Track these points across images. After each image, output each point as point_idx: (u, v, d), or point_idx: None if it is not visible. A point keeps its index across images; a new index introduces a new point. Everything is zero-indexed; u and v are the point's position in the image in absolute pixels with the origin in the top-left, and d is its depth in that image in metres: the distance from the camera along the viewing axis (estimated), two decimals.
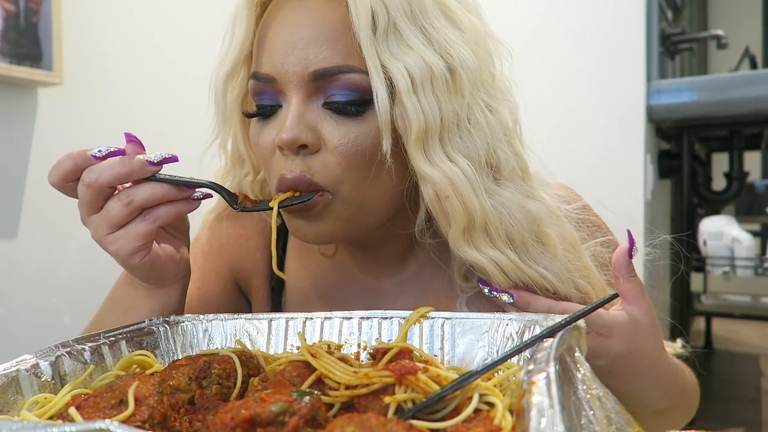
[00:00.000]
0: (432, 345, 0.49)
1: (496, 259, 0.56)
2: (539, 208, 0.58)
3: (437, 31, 0.55)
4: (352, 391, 0.38)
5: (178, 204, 0.54)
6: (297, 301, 0.72)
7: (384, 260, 0.69)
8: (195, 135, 2.12)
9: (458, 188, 0.54)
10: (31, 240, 1.42)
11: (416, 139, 0.53)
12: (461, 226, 0.55)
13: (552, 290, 0.58)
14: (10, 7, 1.32)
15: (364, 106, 0.54)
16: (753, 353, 3.47)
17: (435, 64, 0.53)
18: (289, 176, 0.55)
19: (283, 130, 0.54)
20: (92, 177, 0.52)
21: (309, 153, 0.55)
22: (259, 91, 0.58)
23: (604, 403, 0.34)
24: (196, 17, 1.87)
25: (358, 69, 0.54)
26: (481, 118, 0.57)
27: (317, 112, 0.55)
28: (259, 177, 0.69)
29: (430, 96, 0.53)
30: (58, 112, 1.47)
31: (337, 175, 0.55)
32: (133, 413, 0.35)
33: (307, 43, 0.54)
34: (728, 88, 2.04)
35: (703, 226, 2.54)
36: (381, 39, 0.53)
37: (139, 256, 0.53)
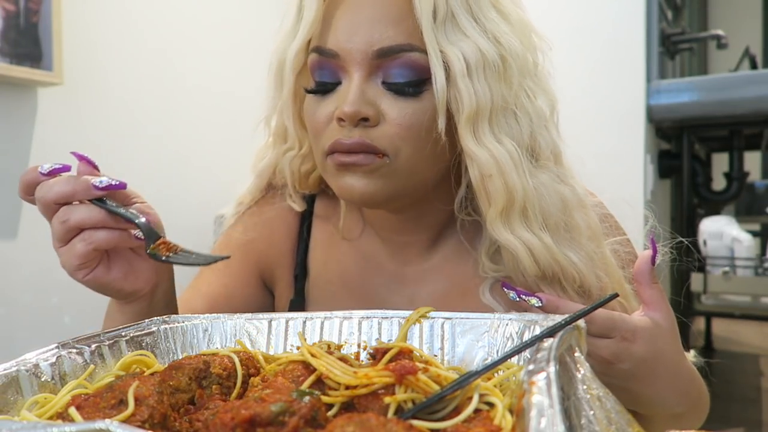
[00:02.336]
0: (432, 345, 0.49)
1: (529, 243, 0.58)
2: (570, 194, 0.61)
3: (489, 21, 0.59)
4: (352, 391, 0.38)
5: (117, 233, 0.54)
6: (322, 289, 0.73)
7: (412, 248, 0.71)
8: (194, 135, 2.13)
9: (503, 168, 0.57)
10: (31, 240, 1.42)
11: (467, 120, 0.57)
12: (501, 205, 0.58)
13: (578, 279, 0.60)
14: (10, 7, 1.32)
15: (421, 87, 0.58)
16: (753, 353, 3.47)
17: (488, 51, 0.57)
18: (346, 141, 0.58)
19: (346, 103, 0.57)
20: (41, 193, 0.54)
21: (368, 126, 0.58)
22: (321, 65, 0.60)
23: (604, 403, 0.34)
24: (196, 17, 1.87)
25: (419, 48, 0.57)
26: (526, 104, 0.60)
27: (376, 90, 0.59)
28: (301, 152, 0.70)
29: (482, 80, 0.57)
30: (58, 112, 1.47)
31: (395, 143, 0.58)
32: (133, 413, 0.35)
33: (372, 22, 0.57)
34: (728, 88, 2.04)
35: (703, 226, 2.54)
36: (440, 26, 0.56)
37: (81, 273, 0.55)
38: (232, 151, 2.02)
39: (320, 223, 0.76)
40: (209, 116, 1.92)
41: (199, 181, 1.87)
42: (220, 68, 1.95)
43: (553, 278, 0.60)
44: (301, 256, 0.75)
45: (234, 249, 0.76)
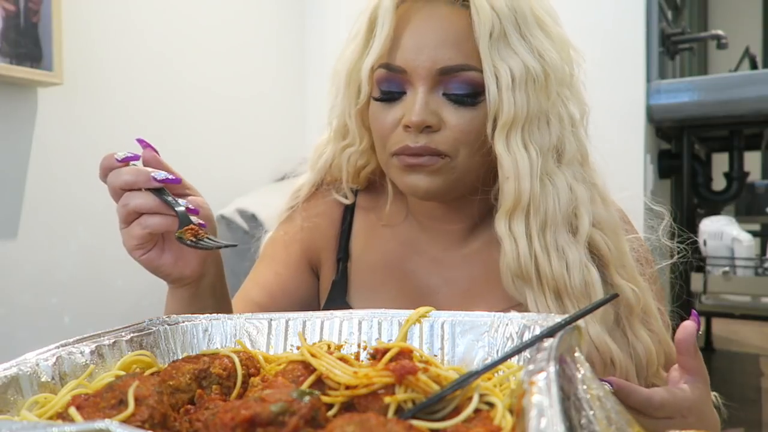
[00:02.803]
0: (432, 345, 0.49)
1: (518, 241, 0.67)
2: (584, 193, 0.70)
3: (534, 39, 0.68)
4: (352, 391, 0.38)
5: (168, 219, 0.61)
6: (363, 270, 0.81)
7: (451, 235, 0.79)
8: (194, 135, 2.12)
9: (519, 173, 0.66)
10: (31, 240, 1.42)
11: (502, 126, 0.66)
12: (508, 205, 0.67)
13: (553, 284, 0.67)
14: (10, 7, 1.32)
15: (476, 98, 0.67)
16: (753, 353, 3.47)
17: (532, 67, 0.66)
18: (413, 146, 0.67)
19: (413, 113, 0.66)
20: (111, 179, 0.61)
21: (431, 131, 0.67)
22: (388, 78, 0.70)
23: (604, 403, 0.34)
24: (196, 18, 1.87)
25: (475, 68, 0.66)
26: (561, 110, 0.70)
27: (438, 100, 0.68)
28: (360, 148, 0.79)
29: (522, 93, 0.66)
30: (58, 112, 1.47)
31: (455, 146, 0.68)
32: (133, 413, 0.35)
33: (436, 44, 0.67)
34: (728, 88, 2.04)
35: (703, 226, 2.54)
36: (494, 44, 0.65)
37: (138, 252, 0.63)
38: (232, 151, 2.02)
39: (362, 213, 0.85)
40: (209, 116, 1.92)
41: (199, 181, 1.85)
42: (220, 69, 1.95)
43: (529, 278, 0.67)
44: (344, 242, 0.83)
45: (287, 241, 0.85)
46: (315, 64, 2.35)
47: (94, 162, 0.62)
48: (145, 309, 1.68)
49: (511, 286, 0.69)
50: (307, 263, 0.85)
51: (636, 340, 0.70)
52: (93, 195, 1.56)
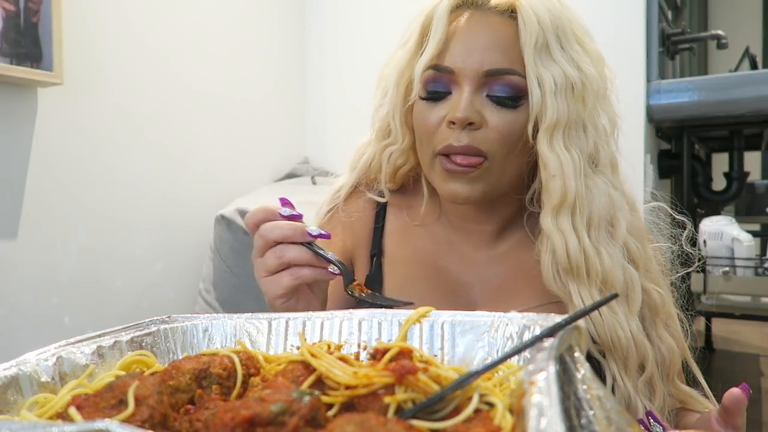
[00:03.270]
0: (432, 345, 0.49)
1: (566, 236, 0.71)
2: (619, 197, 0.75)
3: (574, 52, 0.73)
4: (352, 391, 0.38)
5: (318, 271, 0.67)
6: (398, 267, 0.84)
7: (482, 235, 0.83)
8: (194, 135, 2.12)
9: (565, 171, 0.71)
10: (31, 240, 1.42)
11: (546, 129, 0.71)
12: (556, 201, 0.72)
13: (602, 275, 0.71)
14: (10, 7, 1.32)
15: (517, 101, 0.72)
16: (753, 353, 3.47)
17: (572, 76, 0.71)
18: (457, 144, 0.71)
19: (458, 110, 0.71)
20: (266, 230, 0.66)
21: (473, 129, 0.71)
22: (436, 79, 0.74)
23: (604, 403, 0.34)
24: (197, 18, 1.87)
25: (518, 73, 0.71)
26: (596, 120, 0.75)
27: (482, 101, 0.72)
28: (401, 146, 0.83)
29: (563, 99, 0.71)
30: (58, 112, 1.47)
31: (493, 146, 0.72)
32: (133, 413, 0.35)
33: (484, 48, 0.72)
34: (728, 88, 2.04)
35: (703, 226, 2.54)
36: (538, 53, 0.71)
37: (281, 300, 0.67)
38: (233, 151, 2.02)
39: (394, 211, 0.89)
40: (209, 117, 1.92)
41: (199, 181, 1.86)
42: (220, 69, 1.95)
43: (579, 272, 0.71)
44: (377, 239, 0.87)
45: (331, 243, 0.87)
46: (315, 64, 2.35)
47: (95, 162, 0.62)
48: (145, 309, 1.68)
49: (553, 281, 0.73)
50: (348, 261, 0.89)
51: (660, 341, 0.74)
52: (93, 195, 1.56)
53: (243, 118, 2.06)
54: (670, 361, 0.73)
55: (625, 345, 0.70)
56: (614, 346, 0.70)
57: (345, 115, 2.28)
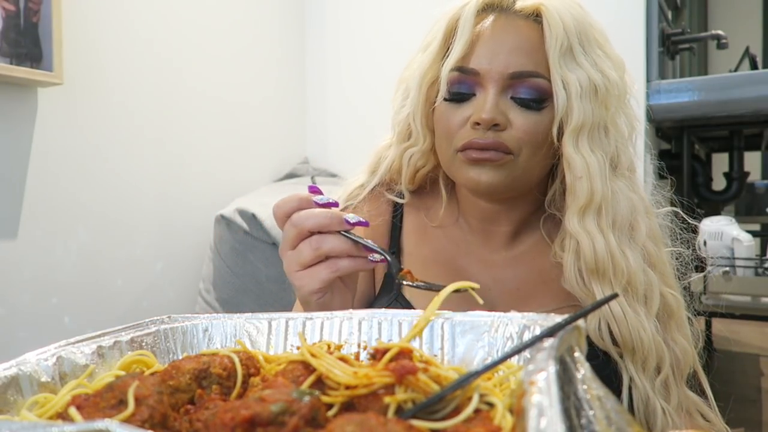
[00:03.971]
0: (432, 345, 0.49)
1: (593, 237, 0.72)
2: (638, 201, 0.76)
3: (597, 57, 0.74)
4: (352, 391, 0.38)
5: (358, 261, 0.63)
6: (417, 265, 0.84)
7: (498, 237, 0.83)
8: (194, 135, 2.12)
9: (591, 173, 0.72)
10: (31, 240, 1.42)
11: (572, 131, 0.72)
12: (582, 202, 0.72)
13: (627, 275, 0.71)
14: (10, 7, 1.32)
15: (542, 103, 0.73)
16: (753, 353, 3.47)
17: (596, 80, 0.72)
18: (481, 141, 0.72)
19: (484, 111, 0.71)
20: (301, 219, 0.62)
21: (498, 130, 0.72)
22: (460, 80, 0.74)
23: (604, 403, 0.34)
24: (197, 19, 1.87)
25: (543, 76, 0.72)
26: (619, 124, 0.76)
27: (506, 102, 0.73)
28: (422, 148, 0.83)
29: (588, 102, 0.72)
30: (58, 112, 1.47)
31: (519, 145, 0.73)
32: (133, 413, 0.35)
33: (510, 51, 0.72)
34: (728, 88, 2.04)
35: (703, 226, 2.54)
36: (563, 56, 0.71)
37: (317, 296, 0.63)
38: (233, 151, 2.02)
39: (412, 212, 0.89)
40: (209, 117, 1.92)
41: (199, 181, 1.86)
42: (220, 69, 1.95)
43: (605, 273, 0.71)
44: (395, 238, 0.87)
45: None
46: (315, 66, 2.35)
47: (95, 162, 0.61)
48: (145, 309, 1.68)
49: (575, 282, 0.73)
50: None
51: (674, 343, 0.75)
52: (93, 195, 1.56)
53: (243, 119, 2.06)
54: (684, 363, 0.75)
55: (647, 346, 0.70)
56: (636, 348, 0.70)
57: (345, 115, 2.28)
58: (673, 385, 0.73)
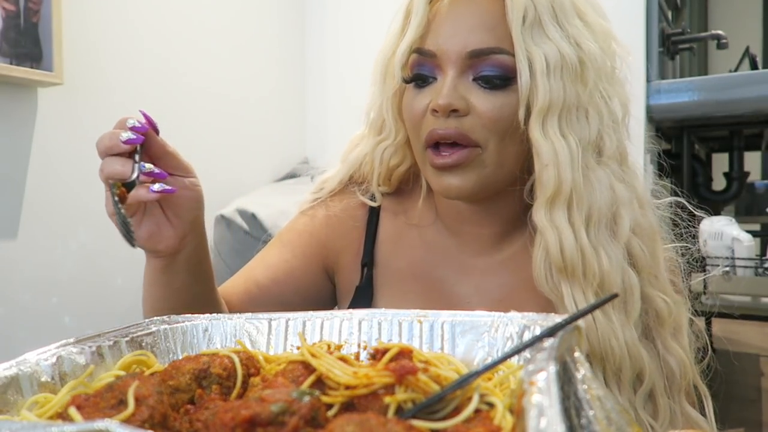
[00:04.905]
0: (432, 345, 0.49)
1: (562, 232, 0.64)
2: (624, 192, 0.68)
3: (573, 28, 0.66)
4: (352, 391, 0.38)
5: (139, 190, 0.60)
6: (390, 277, 0.78)
7: (481, 240, 0.76)
8: (194, 135, 2.12)
9: (559, 160, 0.64)
10: (31, 240, 1.42)
11: (538, 113, 0.64)
12: (549, 193, 0.65)
13: (599, 277, 0.65)
14: (10, 7, 1.32)
15: (507, 83, 0.66)
16: (753, 353, 3.47)
17: (568, 55, 0.64)
18: (441, 131, 0.66)
19: (440, 96, 0.65)
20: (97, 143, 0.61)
21: (459, 116, 0.66)
22: (420, 63, 0.69)
23: (604, 403, 0.34)
24: (197, 19, 1.87)
25: (507, 52, 0.65)
26: (600, 105, 0.67)
27: (468, 85, 0.66)
28: (395, 142, 0.77)
29: (558, 80, 0.64)
30: (58, 112, 1.47)
31: (484, 134, 0.66)
32: (133, 413, 0.35)
33: (469, 28, 0.66)
34: (728, 88, 2.04)
35: (703, 226, 2.54)
36: (528, 29, 0.64)
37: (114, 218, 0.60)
38: (233, 151, 2.02)
39: (388, 217, 0.82)
40: (209, 116, 1.92)
41: (200, 181, 1.86)
42: (220, 69, 1.95)
43: (573, 272, 0.64)
44: (369, 247, 0.80)
45: (305, 233, 0.83)
46: (315, 64, 2.35)
47: (94, 162, 0.61)
48: None
49: (545, 281, 0.66)
50: (321, 261, 0.82)
51: (667, 353, 0.67)
52: (93, 195, 1.55)
53: (243, 118, 2.06)
54: (680, 374, 0.67)
55: (618, 355, 0.63)
56: (606, 356, 0.63)
57: (345, 115, 2.27)
58: (660, 399, 0.66)
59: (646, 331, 0.68)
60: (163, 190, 0.61)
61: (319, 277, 0.82)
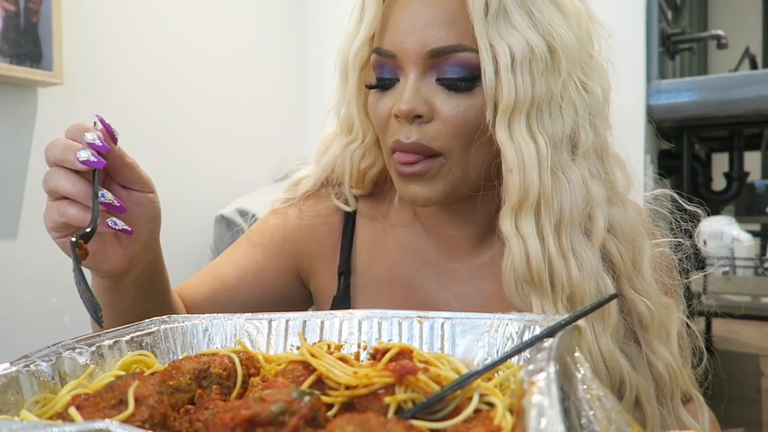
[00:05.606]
0: (432, 345, 0.49)
1: (528, 241, 0.59)
2: (599, 191, 0.63)
3: (543, 14, 0.60)
4: (352, 391, 0.38)
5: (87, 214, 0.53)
6: (368, 286, 0.75)
7: (461, 243, 0.72)
8: (194, 135, 2.12)
9: (525, 164, 0.59)
10: (31, 240, 1.42)
11: (503, 112, 0.59)
12: (513, 200, 0.60)
13: (568, 290, 0.60)
14: (10, 7, 1.32)
15: (473, 82, 0.60)
16: (753, 353, 3.47)
17: (537, 45, 0.58)
18: (405, 141, 0.61)
19: (401, 101, 0.60)
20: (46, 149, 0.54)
21: (423, 122, 0.61)
22: (380, 64, 0.64)
23: (604, 403, 0.34)
24: (197, 19, 1.87)
25: (470, 48, 0.59)
26: (574, 96, 0.62)
27: (431, 87, 0.61)
28: (364, 143, 0.72)
29: (525, 74, 0.58)
30: (58, 112, 1.47)
31: (448, 141, 0.61)
32: (133, 413, 0.35)
33: (426, 24, 0.60)
34: (728, 88, 2.04)
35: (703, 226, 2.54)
36: (491, 20, 0.58)
37: (54, 234, 0.56)
38: (232, 151, 2.02)
39: (365, 222, 0.78)
40: (209, 116, 1.92)
41: (199, 181, 1.86)
42: (220, 69, 1.95)
43: (541, 284, 0.60)
44: (345, 254, 0.76)
45: (277, 234, 0.78)
46: (315, 64, 2.35)
47: None
48: None
49: (515, 293, 0.62)
50: (293, 265, 0.78)
51: (655, 358, 0.64)
52: None
53: (243, 118, 2.06)
54: (670, 379, 0.64)
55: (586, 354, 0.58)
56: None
57: None
58: (648, 407, 0.62)
59: (632, 335, 0.65)
60: (121, 230, 0.55)
61: (290, 281, 0.79)
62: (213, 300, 0.76)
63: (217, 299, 0.76)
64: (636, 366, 0.63)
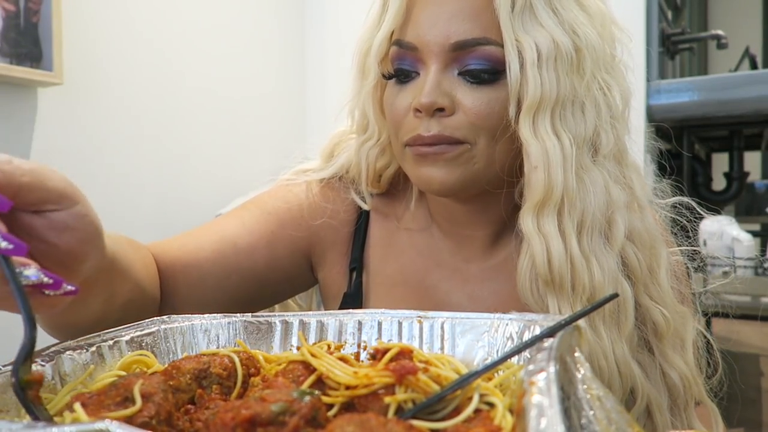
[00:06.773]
0: (432, 345, 0.49)
1: (550, 240, 0.58)
2: (620, 196, 0.62)
3: (568, 12, 0.60)
4: (352, 391, 0.38)
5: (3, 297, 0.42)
6: (380, 285, 0.73)
7: (475, 243, 0.71)
8: (194, 135, 2.12)
9: (550, 162, 0.58)
10: None
11: (528, 109, 0.58)
12: (538, 197, 0.59)
13: (589, 291, 0.59)
14: (10, 7, 1.32)
15: (496, 76, 0.59)
16: (753, 353, 3.47)
17: (562, 43, 0.58)
18: (426, 135, 0.60)
19: (422, 94, 0.59)
20: None
21: (444, 115, 0.60)
22: (400, 57, 0.63)
23: (604, 403, 0.34)
24: (197, 18, 1.87)
25: (494, 42, 0.59)
26: (598, 97, 0.61)
27: (452, 80, 0.60)
28: (380, 142, 0.71)
29: (551, 71, 0.58)
30: (58, 112, 1.47)
31: (472, 131, 0.60)
32: (141, 409, 0.35)
33: (450, 17, 0.59)
34: (728, 88, 2.04)
35: (703, 226, 2.54)
36: (517, 16, 0.58)
37: None
38: (233, 151, 2.02)
39: (379, 220, 0.76)
40: (209, 116, 1.92)
41: (199, 181, 1.86)
42: (220, 69, 1.95)
43: (561, 286, 0.59)
44: (357, 250, 0.74)
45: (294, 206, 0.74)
46: (315, 64, 2.35)
47: (94, 162, 0.61)
48: None
49: (530, 292, 0.61)
50: (306, 246, 0.75)
51: (669, 367, 0.63)
52: (93, 195, 1.55)
53: (243, 118, 2.06)
54: (684, 389, 0.62)
55: (608, 376, 0.58)
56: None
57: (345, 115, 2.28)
58: (659, 416, 0.61)
59: (645, 344, 0.64)
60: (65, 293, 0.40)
61: (299, 260, 0.75)
62: (219, 261, 0.69)
63: (225, 262, 0.69)
64: (649, 375, 0.62)
